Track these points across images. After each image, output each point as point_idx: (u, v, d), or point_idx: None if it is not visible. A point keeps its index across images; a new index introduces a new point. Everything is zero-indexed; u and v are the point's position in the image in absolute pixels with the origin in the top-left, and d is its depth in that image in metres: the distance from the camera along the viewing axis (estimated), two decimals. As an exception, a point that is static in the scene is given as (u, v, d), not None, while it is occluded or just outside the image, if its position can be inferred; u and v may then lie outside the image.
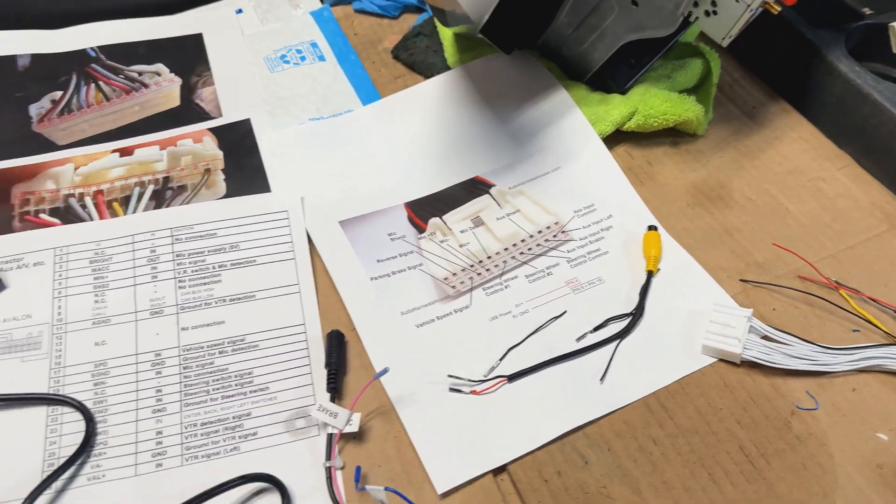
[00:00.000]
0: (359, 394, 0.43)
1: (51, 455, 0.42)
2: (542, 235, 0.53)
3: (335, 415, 0.42)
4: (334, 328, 0.47)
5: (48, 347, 0.46)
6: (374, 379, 0.43)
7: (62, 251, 0.50)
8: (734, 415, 0.44)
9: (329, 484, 0.41)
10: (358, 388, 0.45)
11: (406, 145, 0.58)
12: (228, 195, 0.54)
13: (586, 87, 0.60)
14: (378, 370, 0.45)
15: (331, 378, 0.44)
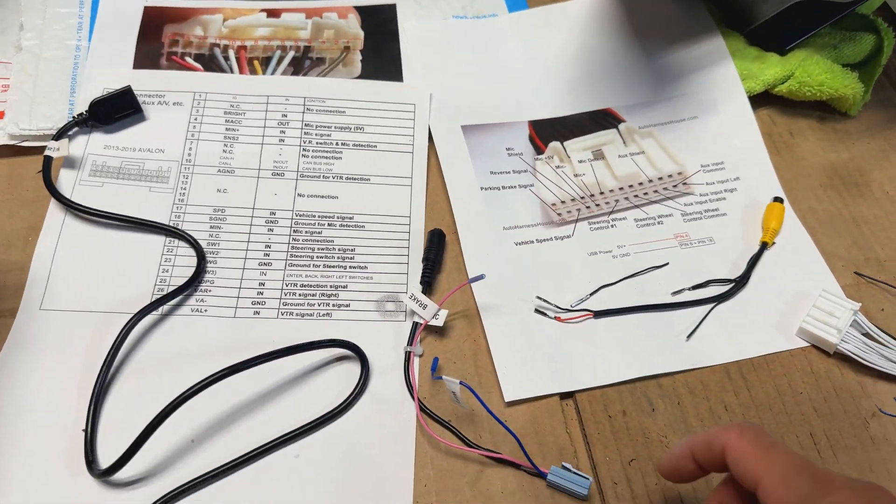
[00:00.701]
0: (451, 292, 0.45)
1: (162, 281, 0.45)
2: (662, 183, 0.52)
3: (424, 306, 0.43)
4: (437, 227, 0.48)
5: (174, 183, 0.49)
6: (469, 282, 0.44)
7: (201, 96, 0.52)
8: (813, 401, 0.43)
9: (406, 366, 0.43)
10: (449, 287, 0.46)
11: (543, 62, 0.57)
12: (362, 76, 0.55)
13: (744, 40, 0.57)
14: (471, 276, 0.46)
15: (426, 272, 0.46)
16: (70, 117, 0.50)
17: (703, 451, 0.32)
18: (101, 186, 0.48)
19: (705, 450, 0.32)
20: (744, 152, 0.53)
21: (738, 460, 0.31)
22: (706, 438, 0.32)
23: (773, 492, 0.29)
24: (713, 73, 0.56)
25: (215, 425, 0.41)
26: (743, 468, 0.30)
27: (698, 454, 0.33)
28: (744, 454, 0.30)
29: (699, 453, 0.33)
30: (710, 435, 0.32)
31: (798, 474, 0.29)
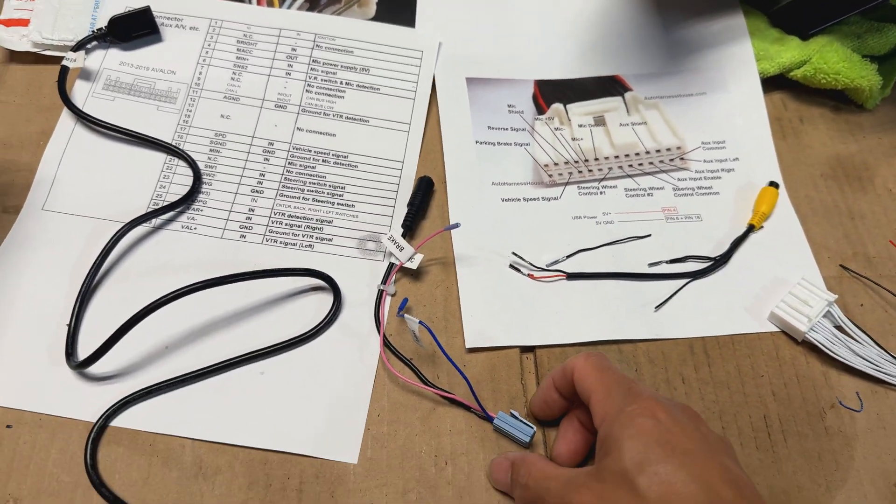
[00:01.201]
0: (427, 238, 0.46)
1: (158, 196, 0.48)
2: (659, 156, 0.52)
3: (402, 248, 0.45)
4: (427, 175, 0.49)
5: (181, 105, 0.51)
6: (445, 230, 0.45)
7: (216, 23, 0.54)
8: (772, 385, 0.44)
9: (377, 303, 0.44)
10: (431, 233, 0.48)
11: (557, 23, 0.57)
12: (376, 18, 0.55)
13: (765, 20, 0.56)
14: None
15: (409, 216, 0.47)
16: (90, 31, 0.52)
17: (560, 377, 0.38)
18: (112, 100, 0.50)
19: (561, 376, 0.38)
20: (748, 134, 0.53)
21: (580, 379, 0.36)
22: (562, 367, 0.38)
23: (598, 402, 0.35)
24: (728, 50, 0.55)
25: (189, 335, 0.43)
26: (582, 385, 0.36)
27: (557, 382, 0.38)
28: (585, 374, 0.36)
29: (557, 381, 0.38)
30: (565, 364, 0.38)
31: (617, 388, 0.35)
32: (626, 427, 0.32)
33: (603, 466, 0.32)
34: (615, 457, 0.31)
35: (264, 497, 0.39)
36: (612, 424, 0.32)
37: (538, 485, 0.34)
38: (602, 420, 0.33)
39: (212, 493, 0.39)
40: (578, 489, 0.32)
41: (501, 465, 0.38)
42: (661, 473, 0.30)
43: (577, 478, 0.33)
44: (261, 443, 0.40)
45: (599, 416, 0.34)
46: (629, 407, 0.32)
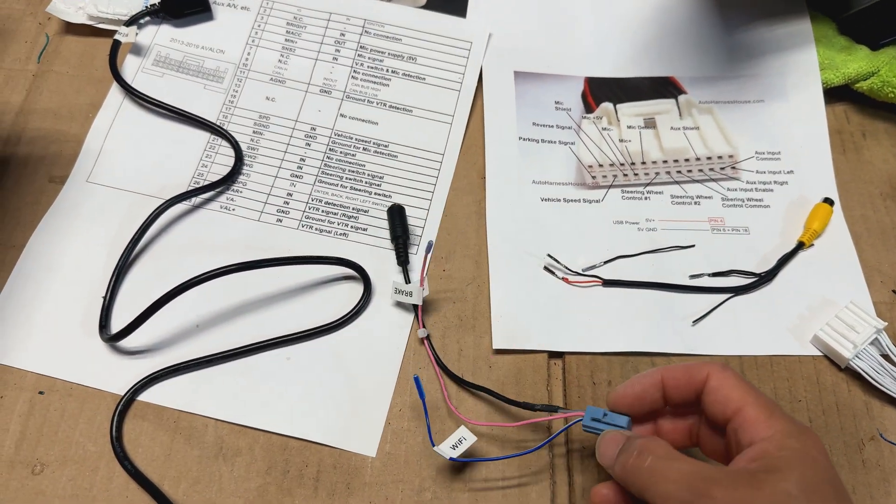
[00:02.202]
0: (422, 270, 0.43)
1: (199, 175, 0.48)
2: (710, 163, 0.50)
3: (410, 293, 0.43)
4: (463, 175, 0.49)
5: (228, 85, 0.51)
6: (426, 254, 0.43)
7: (268, 4, 0.54)
8: (811, 412, 0.42)
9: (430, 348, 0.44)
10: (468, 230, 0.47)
11: (613, 19, 0.55)
12: (427, 6, 0.54)
13: (834, 27, 0.53)
14: (491, 223, 0.47)
15: (400, 252, 0.45)
16: (144, 6, 0.52)
17: (681, 377, 0.34)
18: (161, 77, 0.51)
19: (683, 376, 0.34)
20: (805, 146, 0.51)
21: (722, 388, 0.33)
22: (685, 367, 0.34)
23: (756, 420, 0.31)
24: (792, 57, 0.53)
25: (220, 315, 0.43)
26: (726, 395, 0.32)
27: (672, 382, 0.34)
28: (729, 384, 0.33)
29: (673, 381, 0.34)
30: (689, 365, 0.34)
31: (779, 409, 0.32)
32: (798, 453, 0.30)
33: (760, 479, 0.29)
34: (780, 477, 0.29)
35: (281, 482, 0.39)
36: (779, 446, 0.30)
37: (661, 461, 0.31)
38: (763, 438, 0.31)
39: (231, 474, 0.39)
40: (720, 484, 0.29)
41: (615, 438, 0.34)
42: None
43: (717, 472, 0.30)
44: (282, 428, 0.40)
45: (758, 432, 0.31)
46: (802, 435, 0.30)
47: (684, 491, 0.29)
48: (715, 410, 0.33)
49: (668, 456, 0.31)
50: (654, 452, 0.31)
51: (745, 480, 0.29)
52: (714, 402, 0.33)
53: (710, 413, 0.33)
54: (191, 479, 0.39)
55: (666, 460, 0.31)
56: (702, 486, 0.29)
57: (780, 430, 0.31)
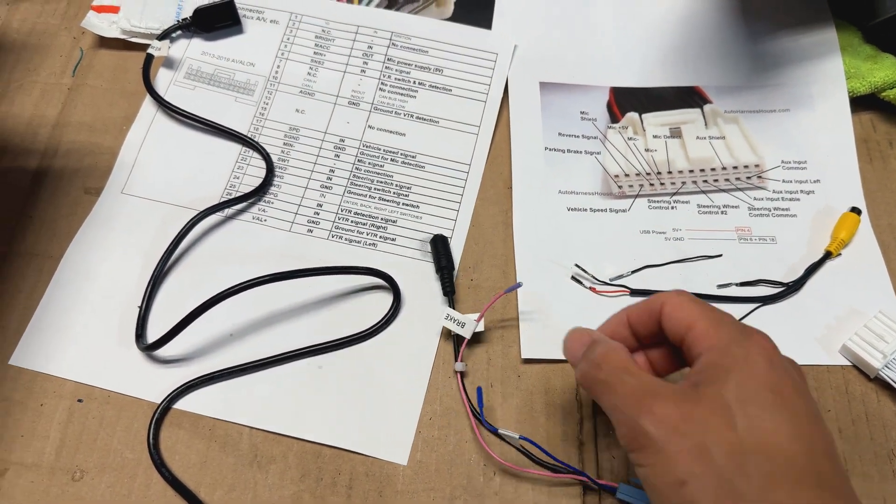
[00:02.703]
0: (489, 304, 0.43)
1: (231, 186, 0.49)
2: (736, 172, 0.50)
3: (462, 324, 0.42)
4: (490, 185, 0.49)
5: (258, 97, 0.52)
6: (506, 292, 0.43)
7: (296, 17, 0.54)
8: (839, 422, 0.42)
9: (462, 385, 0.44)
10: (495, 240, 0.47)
11: (638, 29, 0.55)
12: (453, 18, 0.55)
13: (860, 36, 0.53)
14: (518, 233, 0.47)
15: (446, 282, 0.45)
16: (175, 20, 0.53)
17: (641, 313, 0.35)
18: (192, 90, 0.52)
19: (644, 312, 0.35)
20: (831, 155, 0.51)
21: (674, 310, 0.33)
22: (643, 303, 0.35)
23: (703, 331, 0.31)
24: (817, 66, 0.53)
25: (253, 325, 0.44)
26: (678, 316, 0.33)
27: (635, 318, 0.35)
28: (681, 306, 0.33)
29: (636, 317, 0.35)
30: (647, 300, 0.35)
31: (727, 319, 0.32)
32: (738, 360, 0.30)
33: (701, 391, 0.29)
34: (718, 387, 0.29)
35: (315, 490, 0.40)
36: (722, 354, 0.30)
37: (613, 374, 0.32)
38: (709, 348, 0.31)
39: (265, 481, 0.40)
40: (662, 399, 0.29)
41: (581, 338, 0.35)
42: (765, 420, 0.28)
43: (661, 387, 0.30)
44: (315, 436, 0.41)
45: (704, 344, 0.31)
46: (746, 341, 0.30)
47: (629, 405, 0.30)
48: (672, 334, 0.33)
49: (621, 369, 0.32)
50: (610, 363, 0.32)
51: (686, 395, 0.29)
52: (670, 326, 0.33)
53: (670, 337, 0.33)
54: (226, 486, 0.40)
55: (618, 373, 0.31)
56: (645, 402, 0.30)
57: (724, 337, 0.31)
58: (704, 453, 0.28)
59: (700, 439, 0.28)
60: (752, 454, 0.27)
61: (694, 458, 0.28)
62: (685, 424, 0.28)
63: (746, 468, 0.27)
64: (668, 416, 0.29)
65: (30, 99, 0.52)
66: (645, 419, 0.29)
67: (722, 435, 0.28)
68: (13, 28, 0.55)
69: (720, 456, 0.28)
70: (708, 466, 0.28)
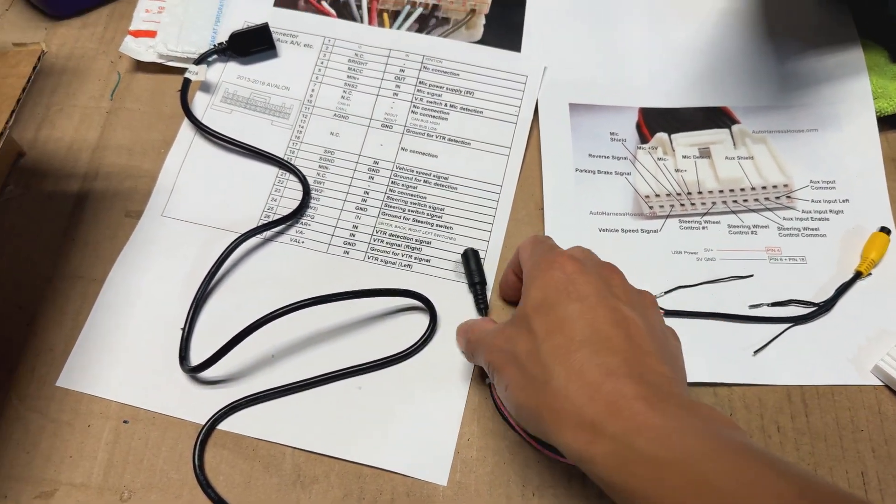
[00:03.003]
0: None
1: (269, 209, 0.50)
2: (765, 192, 0.51)
3: None
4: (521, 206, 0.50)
5: (294, 120, 0.53)
6: None
7: (329, 41, 0.55)
8: (873, 441, 0.42)
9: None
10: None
11: (665, 50, 0.56)
12: (482, 41, 0.56)
13: (887, 56, 0.54)
14: (551, 253, 0.48)
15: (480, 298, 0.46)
16: (211, 45, 0.54)
17: (513, 259, 0.43)
18: (229, 113, 0.53)
19: (515, 258, 0.43)
20: (859, 175, 0.51)
21: (520, 250, 0.41)
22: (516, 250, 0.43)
23: (523, 261, 0.40)
24: (844, 86, 0.53)
25: (294, 347, 0.45)
26: (520, 255, 0.41)
27: (512, 264, 0.44)
28: (523, 245, 0.41)
29: (512, 262, 0.44)
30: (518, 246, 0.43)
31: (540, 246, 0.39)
32: (535, 278, 0.36)
33: (515, 313, 0.37)
34: (522, 303, 0.36)
35: (357, 510, 0.40)
36: (526, 276, 0.37)
37: (477, 337, 0.40)
38: (524, 276, 0.38)
39: (308, 501, 0.41)
40: (497, 334, 0.37)
41: (459, 329, 0.44)
42: (552, 314, 0.34)
43: (498, 325, 0.38)
44: (356, 457, 0.42)
45: (524, 268, 0.38)
46: (543, 261, 0.36)
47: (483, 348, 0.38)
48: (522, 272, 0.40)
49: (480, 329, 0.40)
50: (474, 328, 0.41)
51: (508, 322, 0.37)
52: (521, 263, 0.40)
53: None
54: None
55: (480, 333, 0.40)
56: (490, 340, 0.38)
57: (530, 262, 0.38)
58: (515, 361, 0.35)
59: (512, 349, 0.35)
60: (542, 343, 0.33)
61: (511, 367, 0.35)
62: (505, 343, 0.36)
63: (539, 356, 0.33)
64: (495, 343, 0.37)
65: (70, 123, 0.53)
66: (487, 352, 0.37)
67: (524, 340, 0.34)
68: (52, 53, 0.56)
69: (525, 358, 0.34)
70: (518, 370, 0.34)
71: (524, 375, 0.34)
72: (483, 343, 0.38)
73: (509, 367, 0.35)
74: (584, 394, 0.31)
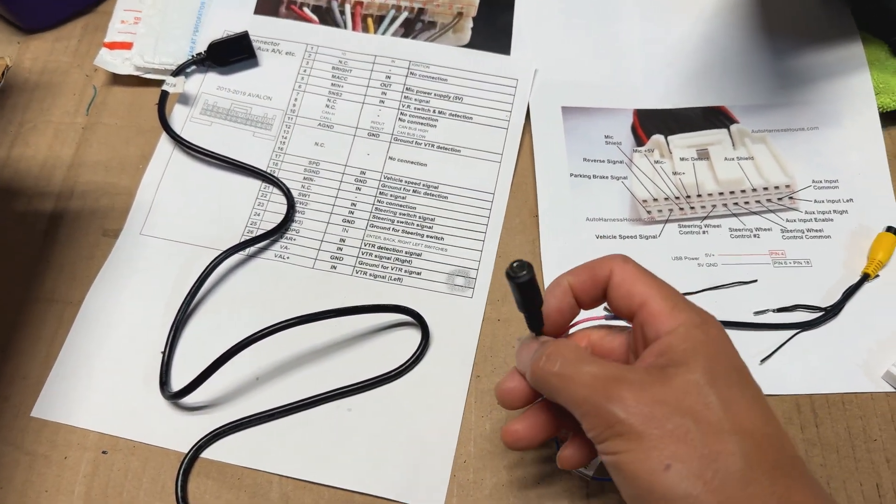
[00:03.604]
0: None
1: (252, 224, 0.48)
2: (767, 194, 0.49)
3: None
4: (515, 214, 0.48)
5: (277, 131, 0.51)
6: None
7: (312, 49, 0.54)
8: (886, 451, 0.41)
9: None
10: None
11: (662, 49, 0.54)
12: (471, 45, 0.54)
13: (887, 50, 0.52)
14: (546, 263, 0.46)
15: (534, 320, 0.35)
16: (189, 55, 0.52)
17: (586, 278, 0.33)
18: (209, 125, 0.51)
19: (589, 277, 0.33)
20: (863, 173, 0.49)
21: (624, 284, 0.32)
22: (588, 266, 0.34)
23: (661, 314, 0.31)
24: (845, 82, 0.52)
25: (280, 368, 0.43)
26: (629, 291, 0.32)
27: (578, 285, 0.34)
28: (630, 279, 0.32)
29: (580, 284, 0.34)
30: (592, 263, 0.34)
31: (681, 299, 0.32)
32: (702, 342, 0.30)
33: (669, 373, 0.29)
34: (687, 368, 0.29)
35: (349, 540, 0.38)
36: (684, 337, 0.30)
37: (569, 366, 0.31)
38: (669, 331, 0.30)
39: (297, 531, 0.39)
40: (629, 384, 0.29)
41: (529, 345, 0.34)
42: (739, 399, 0.28)
43: (625, 372, 0.29)
44: (347, 483, 0.40)
45: (664, 326, 0.30)
46: (705, 324, 0.31)
47: (595, 394, 0.29)
48: (620, 306, 0.32)
49: (576, 359, 0.30)
50: (563, 356, 0.31)
51: (653, 377, 0.29)
52: (618, 297, 0.32)
53: (616, 309, 0.33)
54: (258, 539, 0.38)
55: (575, 364, 0.30)
56: (612, 389, 0.29)
57: (683, 321, 0.30)
58: (686, 435, 0.27)
59: (679, 421, 0.27)
60: (731, 434, 0.27)
61: (676, 441, 0.27)
62: (660, 407, 0.28)
63: (728, 447, 0.27)
64: (639, 400, 0.28)
65: (44, 139, 0.51)
66: (615, 406, 0.28)
67: (700, 415, 0.27)
68: (24, 67, 0.54)
69: (701, 436, 0.27)
70: (692, 448, 0.27)
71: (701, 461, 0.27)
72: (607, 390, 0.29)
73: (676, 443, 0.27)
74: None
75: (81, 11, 0.56)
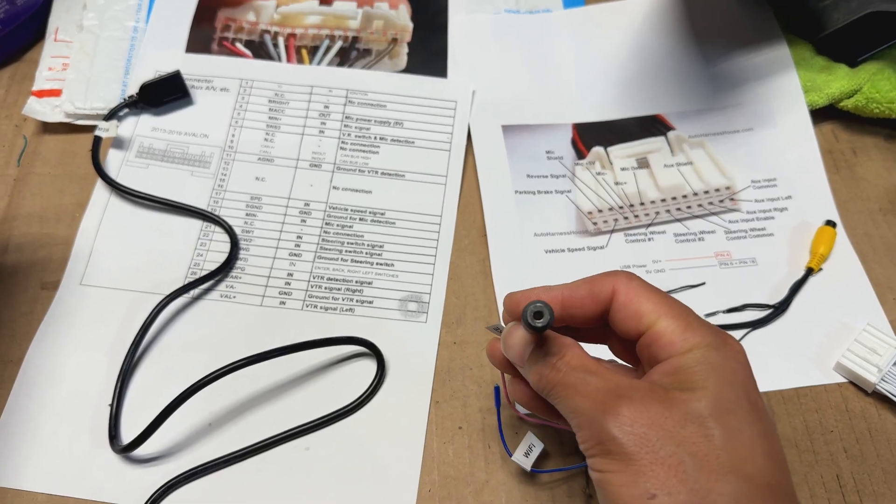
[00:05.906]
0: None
1: (196, 265, 0.47)
2: (708, 197, 0.50)
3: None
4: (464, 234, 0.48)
5: (215, 169, 0.50)
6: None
7: (247, 83, 0.53)
8: (844, 442, 0.41)
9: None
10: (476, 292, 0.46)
11: (594, 63, 0.55)
12: (407, 70, 0.54)
13: (812, 49, 0.54)
14: (498, 281, 0.46)
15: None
16: (122, 99, 0.51)
17: (585, 295, 0.31)
18: (146, 168, 0.50)
19: (587, 294, 0.31)
20: (799, 170, 0.51)
21: (630, 303, 0.30)
22: (587, 283, 0.32)
23: (672, 334, 0.29)
24: (774, 82, 0.53)
25: (233, 411, 0.42)
26: (636, 310, 0.30)
27: (575, 302, 0.31)
28: (637, 297, 0.30)
29: (577, 300, 0.31)
30: (591, 280, 0.32)
31: (697, 322, 0.30)
32: (715, 368, 0.28)
33: (673, 397, 0.27)
34: (693, 395, 0.27)
35: (316, 582, 0.37)
36: (697, 360, 0.28)
37: (572, 374, 0.29)
38: (681, 352, 0.29)
39: (262, 579, 0.37)
40: (629, 402, 0.27)
41: (526, 336, 0.31)
42: (743, 435, 0.27)
43: (629, 388, 0.28)
44: (310, 524, 0.39)
45: (675, 347, 0.29)
46: (723, 346, 0.29)
47: (594, 408, 0.28)
48: (627, 327, 0.30)
49: (581, 368, 0.29)
50: (568, 363, 0.29)
51: (657, 398, 0.28)
52: (625, 318, 0.30)
53: (622, 330, 0.31)
54: (221, 591, 0.37)
55: (579, 373, 0.29)
56: (611, 403, 0.27)
57: (696, 343, 0.29)
58: (679, 465, 0.26)
59: (674, 450, 0.26)
60: (728, 473, 0.26)
61: (667, 470, 0.26)
62: (657, 431, 0.27)
63: (721, 486, 0.26)
64: (637, 420, 0.27)
65: (-26, 194, 0.49)
66: (611, 423, 0.27)
67: (698, 447, 0.26)
68: (-50, 121, 0.52)
69: (695, 470, 0.26)
70: (682, 482, 0.26)
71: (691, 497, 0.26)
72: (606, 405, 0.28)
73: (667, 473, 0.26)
74: None
75: (6, 61, 0.55)
